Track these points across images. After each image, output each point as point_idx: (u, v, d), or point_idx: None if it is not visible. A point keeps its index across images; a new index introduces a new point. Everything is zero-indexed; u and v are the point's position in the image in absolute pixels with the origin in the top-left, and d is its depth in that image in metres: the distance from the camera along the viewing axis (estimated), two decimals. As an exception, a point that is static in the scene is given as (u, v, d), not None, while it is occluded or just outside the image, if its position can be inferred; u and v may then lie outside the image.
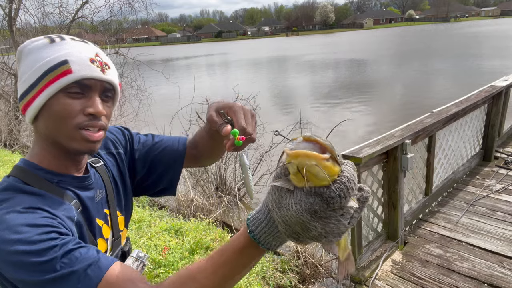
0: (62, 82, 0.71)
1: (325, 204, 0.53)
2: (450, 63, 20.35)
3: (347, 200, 0.53)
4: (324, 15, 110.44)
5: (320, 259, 3.13)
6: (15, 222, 0.64)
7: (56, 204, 0.72)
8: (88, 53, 0.75)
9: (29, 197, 0.71)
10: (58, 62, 0.72)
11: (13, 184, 0.73)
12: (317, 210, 0.53)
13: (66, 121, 0.73)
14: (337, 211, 0.54)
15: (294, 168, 0.55)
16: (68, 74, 0.71)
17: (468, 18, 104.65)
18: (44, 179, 0.76)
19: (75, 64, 0.72)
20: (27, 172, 0.76)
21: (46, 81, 0.72)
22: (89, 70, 0.73)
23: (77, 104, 0.73)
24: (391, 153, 2.86)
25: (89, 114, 0.74)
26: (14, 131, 8.10)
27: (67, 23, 8.63)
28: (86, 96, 0.74)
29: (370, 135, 7.18)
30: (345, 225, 0.55)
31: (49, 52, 0.73)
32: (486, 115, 4.55)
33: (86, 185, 0.83)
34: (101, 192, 0.87)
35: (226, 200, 4.90)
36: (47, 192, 0.73)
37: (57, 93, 0.72)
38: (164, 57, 41.84)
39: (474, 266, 2.73)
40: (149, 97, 8.07)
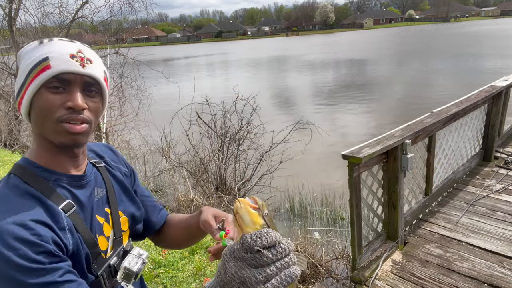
0: (42, 77, 0.74)
1: (241, 244, 0.59)
2: (450, 63, 20.35)
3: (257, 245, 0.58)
4: (324, 15, 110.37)
5: (320, 259, 3.13)
6: (8, 231, 0.65)
7: (50, 212, 0.74)
8: (70, 50, 0.78)
9: (27, 202, 0.73)
10: (40, 59, 0.75)
11: (13, 183, 0.76)
12: (235, 250, 0.59)
13: (48, 115, 0.75)
14: (249, 256, 0.58)
15: (233, 214, 0.69)
16: (47, 69, 0.74)
17: (468, 18, 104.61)
18: (41, 178, 0.78)
19: (54, 60, 0.75)
20: (26, 170, 0.78)
21: (31, 78, 0.75)
22: (67, 64, 0.76)
23: (58, 98, 0.76)
24: (391, 153, 2.85)
25: (69, 107, 0.76)
26: (14, 131, 8.10)
27: (67, 23, 8.63)
28: (67, 90, 0.77)
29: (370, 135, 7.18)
30: (258, 280, 0.56)
31: (36, 52, 0.77)
32: (486, 115, 4.55)
33: (82, 183, 0.84)
34: (101, 191, 0.89)
35: (226, 200, 4.90)
36: (42, 195, 0.75)
37: (39, 89, 0.75)
38: (164, 57, 41.84)
39: (474, 266, 2.73)
40: (149, 97, 8.07)
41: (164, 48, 72.63)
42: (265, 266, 0.58)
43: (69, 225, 0.76)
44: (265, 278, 0.57)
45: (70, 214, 0.77)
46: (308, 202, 4.97)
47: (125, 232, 0.95)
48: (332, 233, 3.97)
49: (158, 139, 5.97)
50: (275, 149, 5.27)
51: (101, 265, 0.84)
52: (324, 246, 3.56)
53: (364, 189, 2.77)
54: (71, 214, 0.78)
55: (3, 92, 8.60)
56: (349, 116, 10.80)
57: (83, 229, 0.79)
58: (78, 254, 0.77)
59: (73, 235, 0.76)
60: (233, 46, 66.36)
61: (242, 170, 5.51)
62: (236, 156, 5.48)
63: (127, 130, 7.62)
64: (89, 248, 0.80)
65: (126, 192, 0.98)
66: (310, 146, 5.49)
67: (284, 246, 0.61)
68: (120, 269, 0.88)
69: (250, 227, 0.64)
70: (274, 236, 0.61)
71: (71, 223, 0.77)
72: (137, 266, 0.89)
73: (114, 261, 0.88)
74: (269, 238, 0.59)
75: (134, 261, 0.90)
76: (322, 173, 5.88)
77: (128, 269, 0.88)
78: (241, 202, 0.68)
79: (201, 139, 5.54)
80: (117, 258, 0.89)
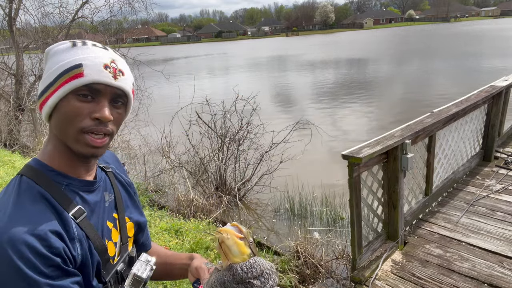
0: (72, 84, 0.73)
1: (231, 276, 0.64)
2: (450, 63, 20.35)
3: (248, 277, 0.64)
4: (324, 15, 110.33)
5: (320, 259, 3.13)
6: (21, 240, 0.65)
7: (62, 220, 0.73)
8: (103, 59, 0.77)
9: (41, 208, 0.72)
10: (73, 65, 0.74)
11: (26, 186, 0.74)
12: (225, 281, 0.65)
13: (73, 123, 0.74)
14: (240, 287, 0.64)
15: (217, 243, 0.71)
16: (79, 77, 0.73)
17: (468, 18, 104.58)
18: (53, 182, 0.77)
19: (88, 68, 0.74)
20: (39, 172, 0.77)
21: (60, 82, 0.74)
22: (101, 75, 0.75)
23: (85, 107, 0.74)
24: (391, 153, 2.86)
25: (96, 118, 0.75)
26: (14, 131, 8.10)
27: (67, 23, 8.63)
28: (96, 100, 0.76)
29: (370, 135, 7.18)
30: None
31: (68, 55, 0.76)
32: (486, 115, 4.55)
33: (94, 189, 0.84)
34: (110, 196, 0.89)
35: (226, 200, 4.90)
36: (54, 199, 0.75)
37: (68, 94, 0.74)
38: (164, 57, 41.85)
39: (474, 266, 2.73)
40: (149, 97, 8.07)
41: (164, 48, 72.62)
42: None
43: (79, 234, 0.75)
44: None
45: (81, 220, 0.77)
46: (308, 202, 4.97)
47: (131, 238, 0.95)
48: (332, 233, 3.96)
49: (158, 139, 5.96)
50: (275, 149, 5.28)
51: (109, 271, 0.84)
52: (324, 246, 3.56)
53: (364, 189, 2.77)
54: (82, 220, 0.77)
55: (3, 92, 8.59)
56: (349, 116, 10.80)
57: (94, 236, 0.79)
58: (85, 263, 0.76)
59: (81, 245, 0.75)
60: (233, 46, 66.36)
61: (242, 170, 5.51)
62: (236, 156, 5.48)
63: (127, 130, 7.62)
64: (99, 255, 0.79)
65: (132, 198, 0.98)
66: (310, 146, 5.49)
67: (268, 272, 0.66)
68: (129, 275, 0.88)
69: (238, 257, 0.68)
70: (262, 265, 0.66)
71: (81, 232, 0.76)
72: (146, 272, 0.90)
73: (121, 267, 0.87)
74: (258, 269, 0.65)
75: (142, 267, 0.90)
76: (322, 173, 5.88)
77: (138, 276, 0.88)
78: (227, 233, 0.70)
79: (201, 139, 5.54)
80: (123, 264, 0.88)
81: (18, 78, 8.36)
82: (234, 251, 0.68)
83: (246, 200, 5.32)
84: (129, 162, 6.79)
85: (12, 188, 0.75)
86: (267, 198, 5.26)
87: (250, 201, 5.36)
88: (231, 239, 0.69)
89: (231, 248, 0.68)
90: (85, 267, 0.76)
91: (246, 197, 5.36)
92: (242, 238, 0.70)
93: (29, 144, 7.94)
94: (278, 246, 3.56)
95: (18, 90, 8.48)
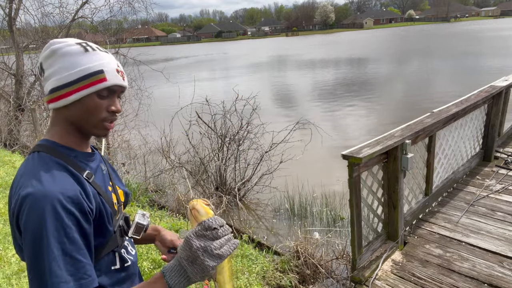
0: (98, 86, 0.93)
1: (202, 227, 0.85)
2: (450, 63, 20.35)
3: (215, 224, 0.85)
4: (324, 15, 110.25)
5: (320, 259, 3.13)
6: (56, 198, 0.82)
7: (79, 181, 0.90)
8: (114, 64, 0.98)
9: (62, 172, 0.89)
10: (96, 70, 0.93)
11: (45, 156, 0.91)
12: (197, 230, 0.85)
13: (95, 115, 0.95)
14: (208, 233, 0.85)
15: (188, 210, 0.94)
16: (104, 81, 0.94)
17: (468, 18, 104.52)
18: (63, 154, 0.94)
19: (108, 74, 0.95)
20: (50, 148, 0.94)
21: (86, 83, 0.92)
22: (117, 79, 0.97)
23: (104, 103, 0.96)
24: (391, 153, 2.86)
25: (112, 111, 0.97)
26: (14, 131, 8.09)
27: (67, 23, 8.63)
28: (110, 97, 0.97)
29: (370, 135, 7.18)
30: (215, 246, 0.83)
31: (86, 60, 0.94)
32: (486, 115, 4.55)
33: (93, 159, 1.03)
34: (105, 167, 1.08)
35: (226, 200, 4.90)
36: (69, 166, 0.92)
37: (91, 93, 0.93)
38: (164, 57, 41.84)
39: (474, 266, 2.73)
40: (149, 97, 8.08)
41: (164, 48, 72.61)
42: (218, 239, 0.84)
43: (93, 192, 0.93)
44: (220, 245, 0.84)
45: (92, 181, 0.95)
46: (308, 202, 4.97)
47: (122, 203, 1.12)
48: (332, 233, 3.96)
49: (158, 139, 5.96)
50: (275, 149, 5.28)
51: (115, 224, 1.01)
52: (324, 246, 3.56)
53: (364, 189, 2.77)
54: (92, 181, 0.95)
55: (3, 92, 8.59)
56: (349, 115, 10.80)
57: (103, 193, 0.97)
58: (101, 214, 0.93)
59: (96, 199, 0.92)
60: (233, 46, 66.35)
61: (242, 170, 5.51)
62: (236, 156, 5.48)
63: (127, 130, 7.62)
64: (110, 207, 0.98)
65: (116, 173, 1.17)
66: (310, 146, 5.49)
67: (227, 227, 0.88)
68: (132, 225, 1.06)
69: (205, 216, 0.89)
70: (222, 220, 0.88)
71: (93, 190, 0.93)
72: (146, 220, 1.08)
73: (121, 222, 1.04)
74: (220, 221, 0.87)
75: (142, 218, 1.09)
76: (322, 173, 5.88)
77: (140, 223, 1.07)
78: (196, 201, 0.94)
79: (201, 139, 5.54)
80: (122, 221, 1.05)
81: (18, 78, 8.36)
82: (202, 212, 0.90)
83: (246, 200, 5.32)
84: (129, 162, 6.79)
85: (32, 161, 0.90)
86: (267, 198, 5.26)
87: (250, 201, 5.36)
88: (199, 204, 0.92)
89: (200, 211, 0.90)
90: (101, 216, 0.93)
91: (246, 197, 5.36)
92: (206, 204, 0.94)
93: (29, 144, 7.93)
94: (278, 246, 3.56)
95: (18, 90, 8.48)
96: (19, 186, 0.85)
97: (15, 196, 0.85)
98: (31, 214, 0.80)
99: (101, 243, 0.94)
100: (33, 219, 0.80)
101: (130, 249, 1.11)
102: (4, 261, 3.16)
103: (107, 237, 0.97)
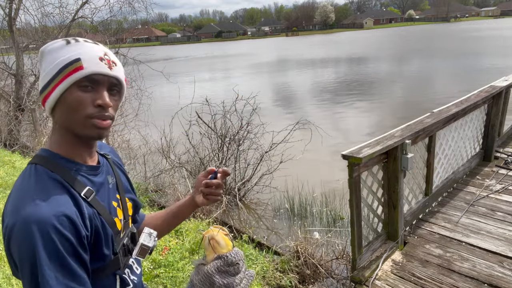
0: (74, 76, 0.82)
1: (223, 261, 0.85)
2: (450, 63, 20.34)
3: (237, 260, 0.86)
4: (324, 15, 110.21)
5: (320, 259, 3.13)
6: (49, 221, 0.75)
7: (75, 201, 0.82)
8: (98, 52, 0.86)
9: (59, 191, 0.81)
10: (72, 59, 0.82)
11: (42, 172, 0.83)
12: (219, 266, 0.85)
13: (79, 111, 0.83)
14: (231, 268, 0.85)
15: (206, 240, 0.92)
16: (80, 70, 0.82)
17: (468, 18, 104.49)
18: (64, 168, 0.86)
19: (86, 62, 0.83)
20: (49, 160, 0.86)
21: (62, 76, 0.82)
22: (98, 67, 0.84)
23: (87, 96, 0.84)
24: (391, 153, 2.86)
25: (98, 105, 0.84)
26: (14, 131, 8.09)
27: (67, 23, 8.64)
28: (95, 90, 0.85)
29: (370, 135, 7.18)
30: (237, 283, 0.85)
31: (65, 52, 0.84)
32: (486, 115, 4.54)
33: (98, 172, 0.93)
34: (112, 179, 0.99)
35: (226, 200, 4.90)
36: (67, 183, 0.83)
37: (70, 86, 0.83)
38: (164, 57, 41.82)
39: (474, 266, 2.73)
40: (149, 97, 8.07)
41: (164, 48, 72.60)
42: (239, 273, 0.86)
43: (89, 213, 0.84)
44: (240, 280, 0.85)
45: (91, 199, 0.86)
46: (308, 202, 4.97)
47: (130, 217, 1.05)
48: (332, 233, 3.96)
49: (158, 139, 5.96)
50: (275, 149, 5.27)
51: (118, 243, 0.94)
52: (324, 246, 3.56)
53: (364, 189, 2.77)
54: (92, 199, 0.86)
55: (3, 92, 8.59)
56: (349, 115, 10.80)
57: (103, 212, 0.88)
58: (98, 236, 0.85)
59: (92, 221, 0.84)
60: (233, 46, 66.34)
61: (242, 170, 5.51)
62: (236, 156, 5.48)
63: (127, 130, 7.62)
64: (111, 228, 0.90)
65: (128, 182, 1.09)
66: (310, 146, 5.49)
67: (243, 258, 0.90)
68: (137, 246, 0.98)
69: (225, 248, 0.88)
70: (241, 253, 0.89)
71: (91, 210, 0.85)
72: (151, 242, 1.00)
73: (126, 240, 0.97)
74: (240, 254, 0.88)
75: (147, 238, 1.00)
76: (322, 173, 5.88)
77: (144, 245, 0.98)
78: (216, 231, 0.92)
79: (201, 139, 5.54)
80: (127, 238, 0.98)
81: (18, 78, 8.36)
82: (223, 244, 0.88)
83: (246, 200, 5.32)
84: (129, 162, 6.78)
85: (29, 175, 0.83)
86: (267, 198, 5.26)
87: (250, 201, 5.36)
88: (219, 235, 0.90)
89: (220, 243, 0.89)
90: (98, 239, 0.85)
91: (246, 197, 5.36)
92: (225, 234, 0.92)
93: (29, 144, 7.93)
94: (278, 246, 3.56)
95: (18, 90, 8.48)
96: (11, 206, 0.79)
97: (6, 217, 0.78)
98: (23, 244, 0.74)
99: (98, 266, 0.87)
100: (26, 249, 0.73)
101: (135, 267, 1.03)
102: (4, 261, 3.16)
103: (105, 260, 0.89)
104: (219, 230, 0.91)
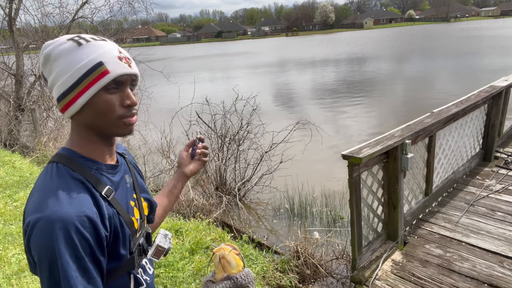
0: (103, 81, 0.82)
1: (233, 283, 0.84)
2: (450, 62, 20.34)
3: (247, 283, 0.85)
4: (324, 15, 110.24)
5: (320, 259, 3.13)
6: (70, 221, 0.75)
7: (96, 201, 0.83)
8: (114, 51, 0.86)
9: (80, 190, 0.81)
10: (94, 64, 0.82)
11: (63, 172, 0.84)
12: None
13: (109, 113, 0.85)
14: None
15: (217, 258, 0.90)
16: (106, 74, 0.82)
17: (468, 18, 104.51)
18: (84, 167, 0.86)
19: (109, 65, 0.83)
20: (71, 159, 0.86)
21: (87, 82, 0.82)
22: (121, 68, 0.85)
23: (115, 98, 0.85)
24: (391, 153, 2.85)
25: (128, 105, 0.87)
26: (14, 131, 8.09)
27: (67, 23, 8.64)
28: (120, 90, 0.86)
29: (371, 135, 7.18)
30: None
31: (81, 55, 0.83)
32: (486, 115, 4.54)
33: (117, 171, 0.95)
34: (129, 179, 1.00)
35: (226, 200, 4.90)
36: (88, 182, 0.84)
37: (98, 91, 0.83)
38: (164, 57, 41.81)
39: (474, 266, 2.73)
40: (149, 97, 8.08)
41: (164, 48, 72.60)
42: None
43: (109, 212, 0.85)
44: None
45: (111, 198, 0.87)
46: (308, 202, 4.96)
47: (146, 216, 1.05)
48: (332, 233, 3.96)
49: (158, 139, 5.96)
50: (275, 149, 5.27)
51: (135, 243, 0.94)
52: (324, 246, 3.56)
53: (364, 189, 2.77)
54: (112, 198, 0.87)
55: (3, 92, 8.59)
56: (349, 115, 10.80)
57: (122, 212, 0.89)
58: (116, 237, 0.86)
59: (111, 221, 0.85)
60: (233, 46, 66.33)
61: (242, 170, 5.51)
62: (236, 156, 5.47)
63: (127, 130, 7.60)
64: (129, 228, 0.90)
65: (142, 179, 1.11)
66: (310, 146, 5.49)
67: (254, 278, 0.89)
68: (152, 246, 1.00)
69: (235, 269, 0.88)
70: (251, 274, 0.89)
71: (111, 209, 0.86)
72: (167, 244, 1.01)
73: (142, 240, 0.98)
74: (250, 276, 0.88)
75: (163, 240, 1.01)
76: (322, 173, 5.88)
77: (160, 246, 1.00)
78: (228, 250, 0.90)
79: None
80: (143, 238, 0.99)
81: (18, 78, 8.36)
82: (233, 264, 0.87)
83: (246, 200, 5.32)
84: (129, 162, 6.78)
85: (51, 174, 0.83)
86: (267, 198, 5.25)
87: (250, 201, 5.36)
88: (231, 255, 0.88)
89: (231, 263, 0.88)
90: (116, 239, 0.86)
91: (246, 197, 5.36)
92: (237, 253, 0.90)
93: (29, 144, 7.93)
94: (278, 246, 3.56)
95: (18, 90, 8.48)
96: (34, 204, 0.79)
97: (28, 214, 0.78)
98: (44, 241, 0.74)
99: (115, 266, 0.88)
100: (46, 247, 0.74)
101: (148, 267, 1.03)
102: (4, 261, 3.16)
103: (122, 260, 0.90)
104: (231, 250, 0.90)
